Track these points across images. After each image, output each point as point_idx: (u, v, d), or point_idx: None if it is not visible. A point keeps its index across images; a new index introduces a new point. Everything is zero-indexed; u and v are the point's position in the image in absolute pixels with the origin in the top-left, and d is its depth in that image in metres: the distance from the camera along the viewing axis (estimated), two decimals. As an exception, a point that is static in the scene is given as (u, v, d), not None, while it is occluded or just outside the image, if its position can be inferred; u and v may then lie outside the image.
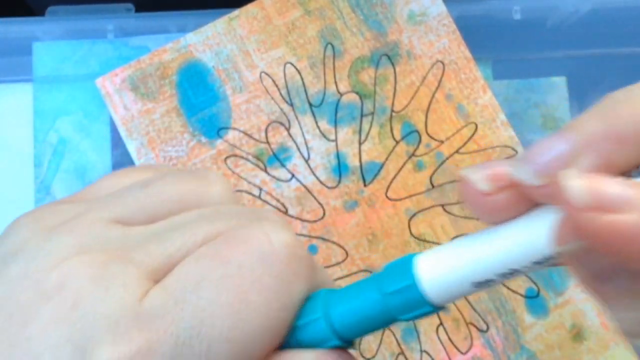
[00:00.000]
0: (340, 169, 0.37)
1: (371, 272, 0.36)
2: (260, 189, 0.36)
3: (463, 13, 0.39)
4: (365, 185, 0.37)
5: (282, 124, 0.37)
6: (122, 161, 0.38)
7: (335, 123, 0.37)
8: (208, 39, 0.38)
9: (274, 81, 0.38)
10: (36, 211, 0.21)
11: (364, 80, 0.38)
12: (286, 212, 0.36)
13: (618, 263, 0.16)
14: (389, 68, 0.38)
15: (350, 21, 0.38)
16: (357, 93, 0.38)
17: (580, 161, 0.16)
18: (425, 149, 0.37)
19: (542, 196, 0.17)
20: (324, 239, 0.36)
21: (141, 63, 0.37)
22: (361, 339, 0.35)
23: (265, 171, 0.37)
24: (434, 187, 0.37)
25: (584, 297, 0.36)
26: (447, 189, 0.37)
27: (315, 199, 0.37)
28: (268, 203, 0.36)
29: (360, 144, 0.37)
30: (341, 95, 0.38)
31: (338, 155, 0.37)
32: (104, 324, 0.17)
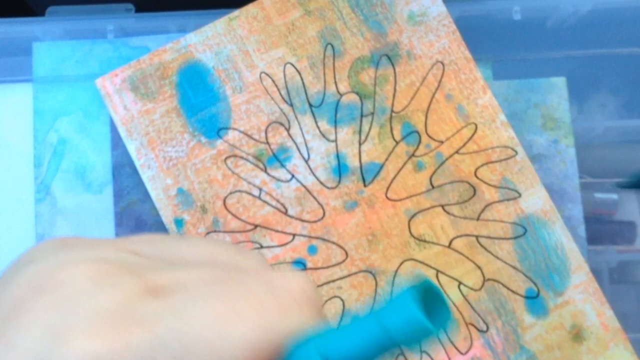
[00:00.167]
0: (340, 169, 0.37)
1: (371, 272, 0.36)
2: (260, 189, 0.36)
3: (463, 13, 0.39)
4: (365, 186, 0.37)
5: (282, 124, 0.37)
6: (122, 161, 0.38)
7: (335, 123, 0.37)
8: (208, 39, 0.38)
9: (274, 81, 0.38)
10: (65, 237, 0.21)
11: (364, 80, 0.38)
12: (286, 212, 0.36)
13: None
14: (389, 68, 0.38)
15: (350, 21, 0.38)
16: (357, 93, 0.38)
17: None
18: (425, 150, 0.37)
19: None
20: (324, 239, 0.36)
21: (141, 63, 0.37)
22: None
23: (265, 171, 0.37)
24: (434, 187, 0.37)
25: (583, 297, 0.36)
26: (447, 189, 0.37)
27: (315, 199, 0.37)
28: (268, 203, 0.36)
29: (360, 144, 0.37)
30: (341, 95, 0.38)
31: (338, 156, 0.37)
32: (89, 317, 0.17)
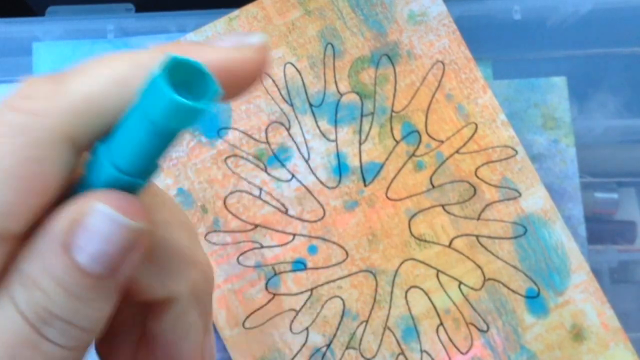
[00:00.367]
0: (341, 169, 0.37)
1: (371, 271, 0.36)
2: (261, 189, 0.36)
3: (463, 13, 0.39)
4: (365, 186, 0.37)
5: (282, 124, 0.37)
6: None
7: (335, 123, 0.37)
8: (208, 39, 0.38)
9: (274, 81, 0.38)
10: None
11: (364, 80, 0.38)
12: (286, 212, 0.36)
13: None
14: (389, 68, 0.38)
15: (350, 21, 0.38)
16: (357, 93, 0.38)
17: None
18: (426, 149, 0.37)
19: None
20: (324, 239, 0.36)
21: (141, 63, 0.37)
22: (358, 340, 0.35)
23: (266, 171, 0.37)
24: (434, 187, 0.37)
25: (584, 297, 0.36)
26: (447, 189, 0.37)
27: (316, 199, 0.37)
28: (268, 203, 0.36)
29: (361, 144, 0.37)
30: (341, 95, 0.38)
31: (338, 155, 0.37)
32: None
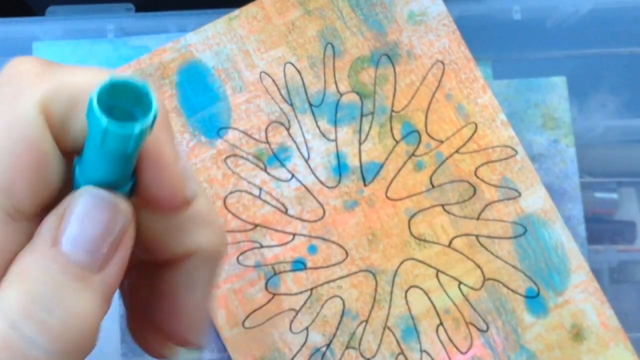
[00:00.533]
0: (340, 168, 0.37)
1: (371, 271, 0.36)
2: (260, 189, 0.36)
3: (463, 13, 0.39)
4: (365, 185, 0.37)
5: (282, 123, 0.37)
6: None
7: (335, 123, 0.37)
8: (208, 38, 0.38)
9: (274, 81, 0.38)
10: None
11: (364, 80, 0.38)
12: (286, 212, 0.36)
13: None
14: (389, 68, 0.38)
15: (350, 21, 0.38)
16: (357, 93, 0.38)
17: None
18: (425, 149, 0.37)
19: None
20: (324, 239, 0.36)
21: (141, 63, 0.37)
22: (358, 339, 0.35)
23: (265, 171, 0.37)
24: (434, 187, 0.37)
25: (584, 297, 0.36)
26: (447, 189, 0.37)
27: (315, 198, 0.37)
28: (268, 203, 0.36)
29: (360, 143, 0.37)
30: (341, 95, 0.38)
31: (338, 155, 0.37)
32: None
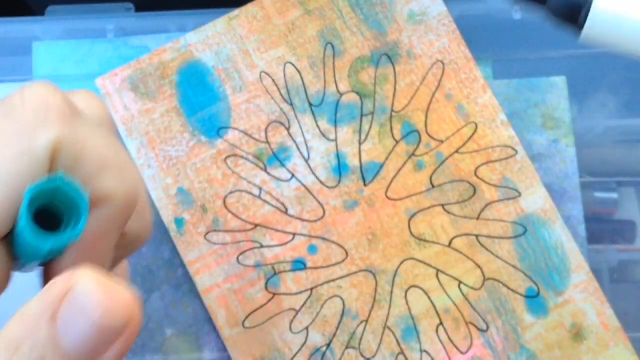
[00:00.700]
0: (340, 168, 0.37)
1: (371, 271, 0.36)
2: (260, 189, 0.36)
3: (463, 13, 0.39)
4: (365, 185, 0.37)
5: (282, 123, 0.37)
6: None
7: (335, 123, 0.37)
8: (208, 38, 0.38)
9: (274, 81, 0.38)
10: None
11: (364, 80, 0.38)
12: (286, 212, 0.36)
13: None
14: (389, 68, 0.38)
15: (350, 21, 0.38)
16: (357, 93, 0.38)
17: None
18: (426, 149, 0.37)
19: None
20: (324, 239, 0.36)
21: (141, 63, 0.37)
22: (360, 339, 0.35)
23: (265, 171, 0.37)
24: (434, 187, 0.37)
25: (583, 297, 0.36)
26: (447, 189, 0.37)
27: (315, 198, 0.37)
28: (268, 203, 0.36)
29: (360, 143, 0.37)
30: (341, 95, 0.38)
31: (338, 155, 0.37)
32: None
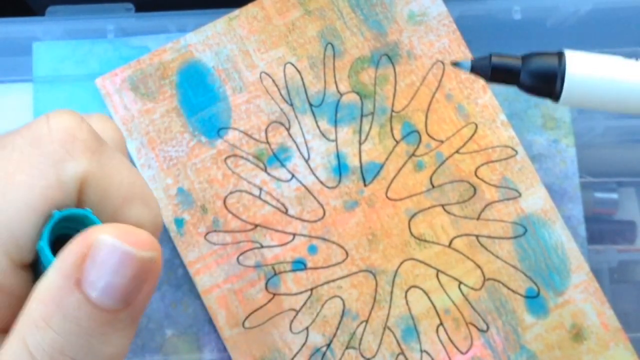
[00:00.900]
0: (340, 169, 0.37)
1: (371, 271, 0.36)
2: (260, 189, 0.36)
3: (463, 13, 0.39)
4: (365, 185, 0.37)
5: (282, 124, 0.37)
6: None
7: (335, 123, 0.37)
8: (208, 39, 0.38)
9: (274, 81, 0.38)
10: None
11: (364, 80, 0.38)
12: (286, 212, 0.36)
13: None
14: (389, 68, 0.38)
15: (350, 21, 0.38)
16: (357, 93, 0.38)
17: None
18: (426, 149, 0.37)
19: None
20: (324, 239, 0.36)
21: (141, 63, 0.37)
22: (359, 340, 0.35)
23: (265, 171, 0.37)
24: (434, 187, 0.37)
25: (583, 297, 0.36)
26: (447, 189, 0.37)
27: (315, 199, 0.37)
28: (268, 203, 0.36)
29: (361, 144, 0.37)
30: (341, 95, 0.38)
31: (338, 155, 0.37)
32: None
